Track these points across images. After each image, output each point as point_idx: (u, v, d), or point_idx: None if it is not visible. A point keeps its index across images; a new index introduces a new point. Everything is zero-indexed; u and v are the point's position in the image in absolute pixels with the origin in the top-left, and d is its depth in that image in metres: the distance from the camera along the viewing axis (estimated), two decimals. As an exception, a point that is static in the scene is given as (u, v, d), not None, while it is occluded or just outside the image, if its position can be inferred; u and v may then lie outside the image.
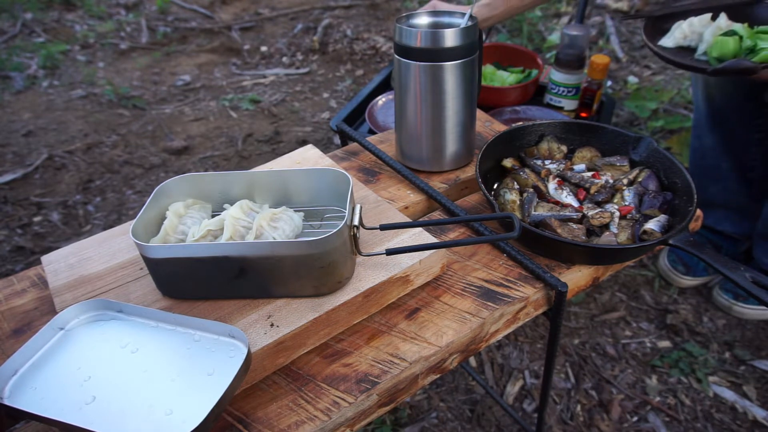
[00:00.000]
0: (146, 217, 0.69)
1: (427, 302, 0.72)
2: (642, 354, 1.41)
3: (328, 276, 0.64)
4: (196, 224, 0.71)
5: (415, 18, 0.90)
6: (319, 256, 0.62)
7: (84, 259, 0.75)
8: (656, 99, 2.26)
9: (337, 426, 0.60)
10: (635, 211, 0.81)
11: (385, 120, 1.40)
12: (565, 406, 1.30)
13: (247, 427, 0.59)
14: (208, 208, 0.76)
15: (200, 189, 0.75)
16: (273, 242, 0.62)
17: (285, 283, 0.65)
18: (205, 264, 0.63)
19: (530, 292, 0.73)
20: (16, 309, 0.75)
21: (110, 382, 0.56)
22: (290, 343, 0.63)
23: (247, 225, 0.69)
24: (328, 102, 2.58)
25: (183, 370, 0.57)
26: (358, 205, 0.68)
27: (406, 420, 1.28)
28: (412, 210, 0.89)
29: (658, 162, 0.87)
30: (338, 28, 3.21)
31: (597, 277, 0.79)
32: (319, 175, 0.74)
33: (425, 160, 0.95)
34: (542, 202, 0.83)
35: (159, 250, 0.63)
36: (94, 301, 0.64)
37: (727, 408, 1.28)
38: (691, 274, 1.55)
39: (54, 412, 0.52)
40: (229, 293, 0.67)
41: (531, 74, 1.74)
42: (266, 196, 0.76)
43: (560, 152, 0.94)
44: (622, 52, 2.73)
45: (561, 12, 3.11)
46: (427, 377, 0.67)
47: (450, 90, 0.88)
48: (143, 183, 2.10)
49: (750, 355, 1.39)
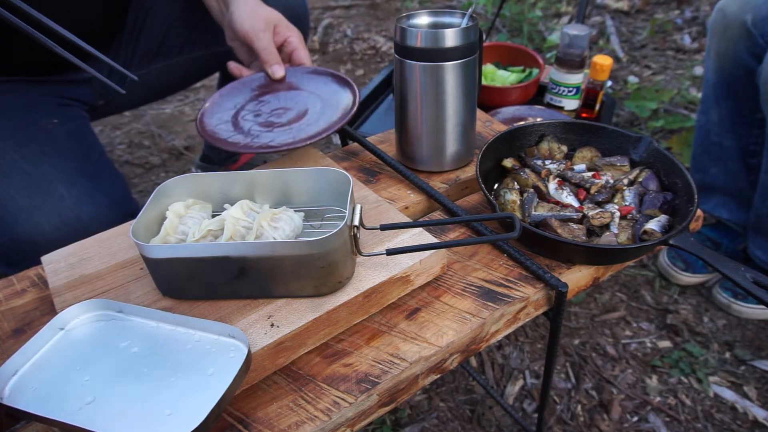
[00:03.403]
0: (146, 218, 0.69)
1: (427, 302, 0.72)
2: (642, 354, 1.41)
3: (329, 276, 0.64)
4: (197, 224, 0.71)
5: (416, 18, 0.90)
6: (319, 256, 0.62)
7: (84, 259, 0.75)
8: (656, 99, 2.26)
9: (337, 426, 0.60)
10: (636, 211, 0.81)
11: (214, 127, 0.96)
12: (566, 406, 1.30)
13: (247, 427, 0.59)
14: (209, 208, 0.75)
15: (200, 189, 0.75)
16: (273, 242, 0.62)
17: (285, 283, 0.65)
18: (205, 264, 0.63)
19: (530, 293, 0.72)
20: (16, 309, 0.75)
21: (110, 382, 0.56)
22: (290, 343, 0.63)
23: (247, 225, 0.69)
24: (329, 102, 2.58)
25: (183, 370, 0.57)
26: (358, 206, 0.68)
27: (406, 420, 1.28)
28: (412, 210, 0.89)
29: (659, 162, 0.87)
30: (338, 28, 3.21)
31: (597, 277, 0.79)
32: (319, 175, 0.73)
33: (425, 160, 0.95)
34: (542, 202, 0.83)
35: (159, 250, 0.63)
36: (94, 301, 0.64)
37: (728, 408, 1.28)
38: (690, 271, 1.55)
39: (54, 412, 0.52)
40: (229, 293, 0.67)
41: (532, 74, 1.74)
42: (266, 196, 0.76)
43: (560, 152, 0.94)
44: (623, 52, 2.73)
45: (561, 12, 3.11)
46: (427, 377, 0.67)
47: (450, 90, 0.88)
48: (143, 183, 2.10)
49: (750, 355, 1.39)
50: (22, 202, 0.98)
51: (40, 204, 0.98)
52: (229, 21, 1.05)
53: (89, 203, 1.02)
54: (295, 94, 1.00)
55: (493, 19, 1.91)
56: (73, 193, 1.01)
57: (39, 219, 0.97)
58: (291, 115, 0.95)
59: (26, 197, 0.98)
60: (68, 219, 0.99)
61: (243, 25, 1.01)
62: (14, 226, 0.97)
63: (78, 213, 1.00)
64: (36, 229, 0.97)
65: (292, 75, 1.03)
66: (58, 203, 0.99)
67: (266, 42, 1.00)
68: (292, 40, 1.04)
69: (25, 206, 0.98)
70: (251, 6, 1.03)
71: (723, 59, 1.38)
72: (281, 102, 0.98)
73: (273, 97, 1.00)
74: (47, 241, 0.97)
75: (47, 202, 0.99)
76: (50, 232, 0.97)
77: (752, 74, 1.32)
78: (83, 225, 0.99)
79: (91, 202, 1.02)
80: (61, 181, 1.01)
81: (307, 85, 1.01)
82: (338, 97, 0.97)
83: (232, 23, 1.03)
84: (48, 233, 0.97)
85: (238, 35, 1.03)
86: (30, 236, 0.97)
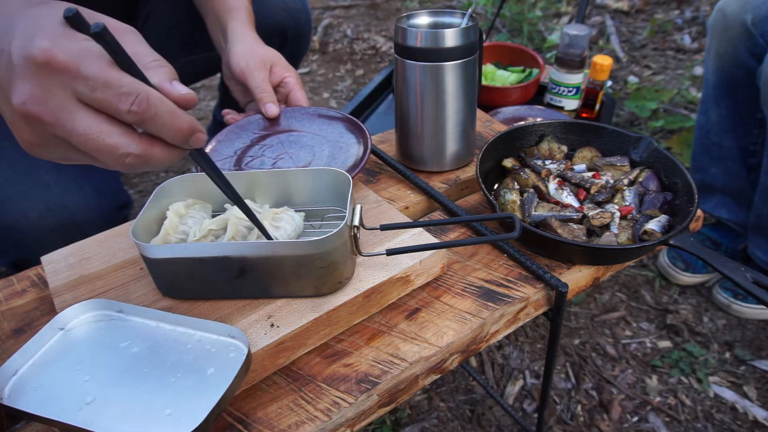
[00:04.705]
0: (146, 218, 0.69)
1: (427, 302, 0.72)
2: (642, 354, 1.41)
3: (329, 276, 0.64)
4: (197, 224, 0.70)
5: (416, 18, 0.90)
6: (319, 256, 0.62)
7: (84, 259, 0.75)
8: (656, 99, 2.26)
9: (337, 426, 0.60)
10: (636, 212, 0.81)
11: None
12: (566, 406, 1.30)
13: (247, 427, 0.59)
14: (209, 208, 0.75)
15: (201, 189, 0.75)
16: (273, 242, 0.62)
17: (285, 283, 0.65)
18: (205, 264, 0.63)
19: (531, 293, 0.72)
20: (16, 309, 0.75)
21: (110, 382, 0.56)
22: (290, 344, 0.63)
23: (249, 225, 0.69)
24: (328, 102, 2.59)
25: (183, 370, 0.57)
26: (358, 206, 0.68)
27: (406, 420, 1.28)
28: (412, 210, 0.89)
29: (659, 162, 0.87)
30: (338, 28, 3.21)
31: (597, 278, 0.79)
32: (320, 175, 0.73)
33: (425, 160, 0.95)
34: (542, 202, 0.83)
35: (159, 250, 0.63)
36: (94, 301, 0.64)
37: (728, 408, 1.28)
38: (690, 271, 1.56)
39: (54, 412, 0.52)
40: (229, 293, 0.67)
41: (532, 74, 1.74)
42: (267, 196, 0.76)
43: (560, 152, 0.94)
44: (623, 52, 2.73)
45: (561, 12, 3.11)
46: (427, 377, 0.67)
47: (450, 90, 0.88)
48: (143, 183, 2.10)
49: (750, 355, 1.39)
50: (8, 188, 0.97)
51: (25, 191, 0.97)
52: (226, 59, 1.02)
53: (76, 192, 1.00)
54: (298, 136, 0.94)
55: (493, 19, 1.91)
56: (60, 182, 0.99)
57: (24, 206, 0.96)
58: (299, 160, 0.89)
59: (12, 184, 0.97)
60: (54, 207, 0.98)
61: (239, 62, 0.98)
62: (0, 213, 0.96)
63: (64, 201, 0.99)
64: (21, 215, 0.96)
65: (291, 115, 0.97)
66: (44, 190, 0.98)
67: (261, 80, 0.96)
68: (288, 81, 1.00)
69: (11, 193, 0.96)
70: (249, 45, 1.00)
71: (723, 59, 1.38)
72: (285, 146, 0.92)
73: (275, 139, 0.94)
74: (32, 228, 0.96)
75: (33, 189, 0.97)
76: (35, 219, 0.96)
77: (752, 74, 1.32)
78: (69, 213, 0.98)
79: (78, 190, 1.01)
80: (47, 169, 1.00)
81: (310, 126, 0.95)
82: (345, 140, 0.91)
83: (228, 61, 1.00)
84: (33, 220, 0.96)
85: (234, 73, 0.99)
86: (15, 223, 0.96)
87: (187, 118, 0.49)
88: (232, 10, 1.06)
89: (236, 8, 1.06)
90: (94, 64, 0.46)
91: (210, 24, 1.13)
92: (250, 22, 1.07)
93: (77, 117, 0.47)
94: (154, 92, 0.47)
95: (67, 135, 0.47)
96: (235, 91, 1.05)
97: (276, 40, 1.42)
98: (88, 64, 0.45)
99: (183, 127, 0.49)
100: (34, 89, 0.46)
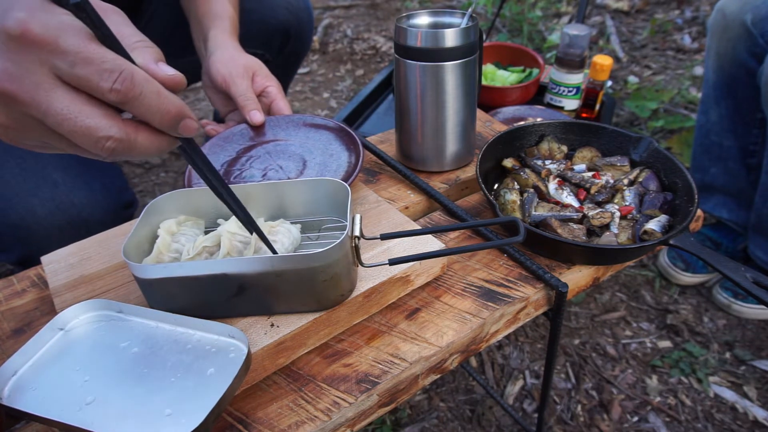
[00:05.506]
0: (137, 237, 0.65)
1: (427, 302, 0.72)
2: (642, 354, 1.41)
3: (331, 290, 0.63)
4: (190, 241, 0.68)
5: (416, 18, 0.90)
6: (321, 269, 0.60)
7: (84, 259, 0.75)
8: (656, 99, 2.26)
9: (337, 426, 0.60)
10: (636, 211, 0.81)
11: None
12: (566, 406, 1.30)
13: (247, 427, 0.59)
14: (201, 224, 0.72)
15: (192, 205, 0.72)
16: (272, 257, 0.60)
17: (286, 298, 0.63)
18: (202, 283, 0.61)
19: (531, 293, 0.72)
20: (16, 309, 0.75)
21: (110, 382, 0.56)
22: (290, 343, 0.63)
23: (244, 240, 0.67)
24: (328, 102, 2.59)
25: (183, 370, 0.57)
26: (357, 215, 0.65)
27: (406, 420, 1.28)
28: (412, 210, 0.89)
29: (659, 162, 0.87)
30: (338, 28, 3.21)
31: (597, 278, 0.79)
32: (316, 186, 0.71)
33: (425, 160, 0.95)
34: (542, 203, 0.83)
35: (153, 270, 0.60)
36: (94, 302, 0.64)
37: (728, 408, 1.28)
38: (690, 271, 1.56)
39: (54, 412, 0.52)
40: (227, 312, 0.64)
41: (532, 74, 1.74)
42: (261, 209, 0.73)
43: (560, 152, 0.94)
44: (623, 52, 2.73)
45: (561, 12, 3.11)
46: (427, 377, 0.67)
47: (450, 90, 0.88)
48: (143, 183, 2.10)
49: (750, 355, 1.39)
50: (16, 186, 0.96)
51: (33, 188, 0.97)
52: (206, 67, 1.00)
53: (84, 189, 1.00)
54: (285, 145, 0.91)
55: (493, 19, 1.91)
56: (68, 179, 0.99)
57: (32, 203, 0.96)
58: (289, 171, 0.86)
59: (20, 182, 0.97)
60: (62, 204, 0.98)
61: (219, 70, 0.96)
62: (7, 210, 0.96)
63: (72, 199, 0.99)
64: (29, 213, 0.96)
65: (276, 124, 0.95)
66: (52, 188, 0.98)
67: (244, 88, 0.94)
68: (270, 90, 0.98)
69: (19, 190, 0.96)
70: (230, 53, 0.99)
71: (723, 59, 1.38)
72: (272, 157, 0.89)
73: (261, 150, 0.91)
74: (40, 226, 0.96)
75: (41, 187, 0.97)
76: (44, 217, 0.96)
77: (752, 74, 1.32)
78: (77, 211, 0.98)
79: (85, 188, 1.01)
80: (55, 167, 1.00)
81: (296, 134, 0.93)
82: (335, 147, 0.89)
83: (208, 69, 0.98)
84: (41, 218, 0.96)
85: (215, 81, 0.97)
86: (23, 220, 0.96)
87: (174, 101, 0.45)
88: (215, 17, 1.04)
89: (219, 16, 1.04)
90: (74, 38, 0.41)
91: (193, 30, 1.11)
92: (233, 31, 1.05)
93: (54, 96, 0.42)
94: (140, 70, 0.43)
95: (42, 115, 0.43)
96: (215, 100, 1.03)
97: (279, 38, 1.42)
98: (68, 37, 0.41)
99: (170, 109, 0.45)
100: (7, 64, 0.42)
